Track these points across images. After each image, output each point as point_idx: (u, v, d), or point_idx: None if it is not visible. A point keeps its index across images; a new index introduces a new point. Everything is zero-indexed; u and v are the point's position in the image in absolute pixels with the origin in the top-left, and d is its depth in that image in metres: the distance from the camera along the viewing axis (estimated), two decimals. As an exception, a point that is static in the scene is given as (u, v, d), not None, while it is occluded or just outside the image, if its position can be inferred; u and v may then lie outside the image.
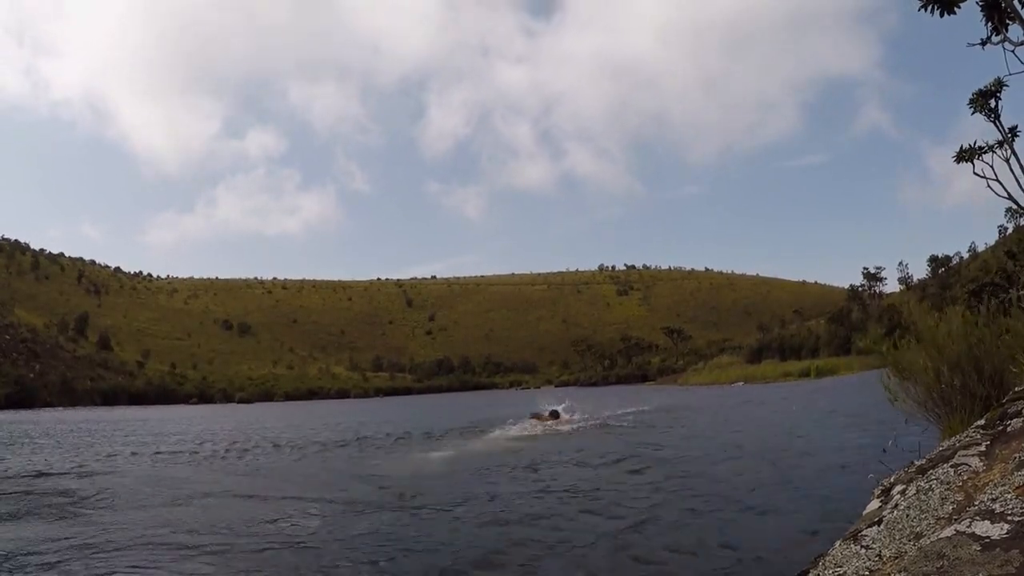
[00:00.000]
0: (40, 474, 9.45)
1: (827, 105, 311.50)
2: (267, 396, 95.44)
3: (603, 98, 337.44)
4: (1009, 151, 3.68)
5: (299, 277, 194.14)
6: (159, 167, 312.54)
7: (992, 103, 3.62)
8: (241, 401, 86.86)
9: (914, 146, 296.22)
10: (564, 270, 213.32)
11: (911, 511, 1.66)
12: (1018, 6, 3.02)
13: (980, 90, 3.67)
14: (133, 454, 12.44)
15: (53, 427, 24.06)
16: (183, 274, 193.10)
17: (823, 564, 1.60)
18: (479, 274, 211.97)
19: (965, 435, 2.13)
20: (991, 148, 3.78)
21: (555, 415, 17.38)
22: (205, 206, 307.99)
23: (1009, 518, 1.33)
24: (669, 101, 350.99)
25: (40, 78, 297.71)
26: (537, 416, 17.20)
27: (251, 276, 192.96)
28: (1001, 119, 3.69)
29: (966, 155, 3.84)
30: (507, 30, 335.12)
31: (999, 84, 3.57)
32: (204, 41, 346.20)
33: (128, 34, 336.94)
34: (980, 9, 3.11)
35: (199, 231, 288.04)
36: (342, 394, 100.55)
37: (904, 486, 1.95)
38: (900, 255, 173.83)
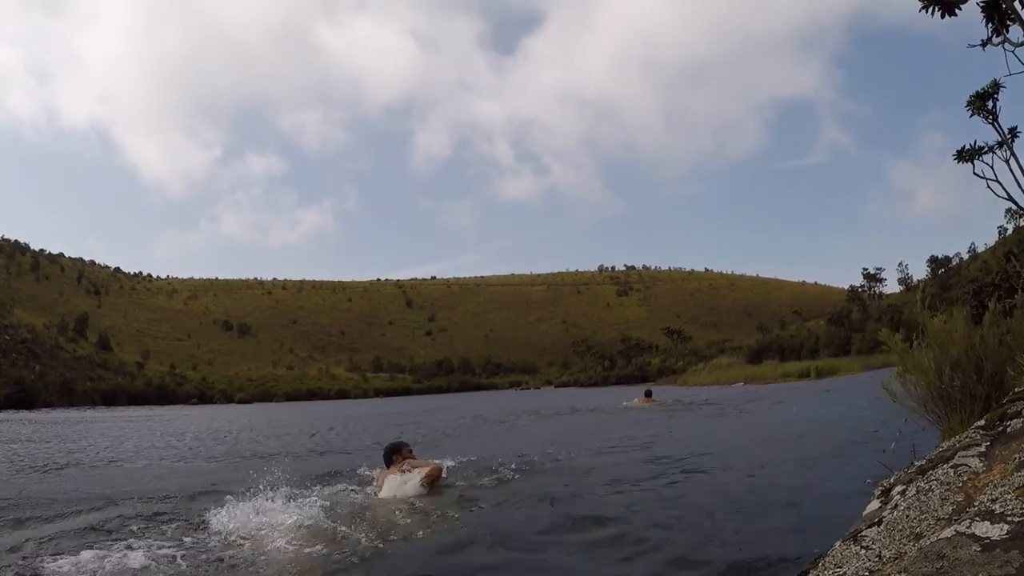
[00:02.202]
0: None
1: (787, 123, 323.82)
2: (267, 397, 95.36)
3: (573, 126, 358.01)
4: (1009, 152, 3.69)
5: (299, 278, 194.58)
6: (162, 190, 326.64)
7: (989, 105, 3.63)
8: (241, 402, 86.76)
9: (876, 161, 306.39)
10: (564, 270, 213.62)
11: (911, 512, 1.66)
12: (1018, 7, 3.03)
13: (977, 92, 3.67)
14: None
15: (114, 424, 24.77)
16: (183, 275, 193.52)
17: (823, 564, 1.60)
18: (479, 274, 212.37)
19: (965, 436, 2.13)
20: (991, 149, 3.79)
21: (649, 394, 22.78)
22: (208, 223, 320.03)
23: (1009, 519, 1.33)
24: (633, 127, 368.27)
25: (53, 113, 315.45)
26: (639, 398, 22.52)
27: (251, 276, 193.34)
28: (999, 120, 3.70)
29: (966, 155, 3.85)
30: (478, 66, 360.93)
31: (996, 86, 3.57)
32: (199, 77, 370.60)
33: (131, 72, 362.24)
34: (981, 11, 3.12)
35: (202, 246, 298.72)
36: (342, 395, 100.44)
37: (904, 487, 1.94)
38: (900, 255, 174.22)
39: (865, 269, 74.15)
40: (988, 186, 3.73)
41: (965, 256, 70.12)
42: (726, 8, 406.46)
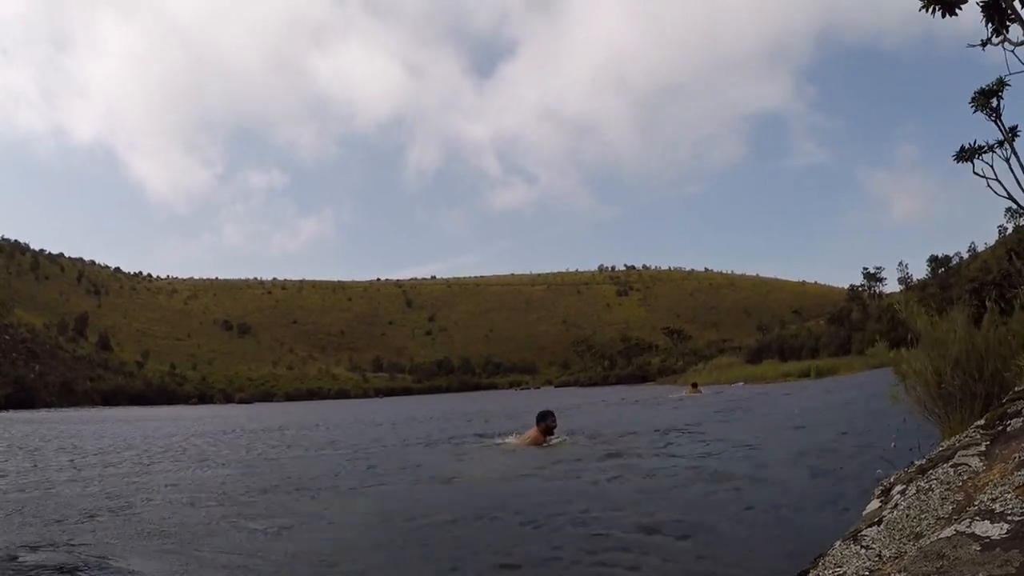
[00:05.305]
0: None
1: (762, 135, 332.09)
2: (267, 396, 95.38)
3: (555, 142, 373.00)
4: (1009, 151, 3.68)
5: (298, 277, 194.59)
6: (166, 204, 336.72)
7: (994, 103, 3.62)
8: (241, 401, 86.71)
9: (872, 165, 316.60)
10: (563, 270, 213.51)
11: (911, 511, 1.66)
12: (1019, 7, 3.03)
13: (981, 89, 3.66)
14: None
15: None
16: (183, 274, 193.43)
17: (823, 564, 1.59)
18: (478, 274, 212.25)
19: (965, 435, 2.12)
20: (991, 148, 3.78)
21: (695, 386, 26.66)
22: (210, 234, 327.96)
23: (1009, 518, 1.32)
24: (613, 142, 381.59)
25: (64, 132, 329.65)
26: (688, 389, 26.71)
27: (250, 276, 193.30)
28: (1002, 119, 3.69)
29: (966, 155, 3.84)
30: (461, 88, 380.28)
31: (1001, 84, 3.56)
32: (199, 99, 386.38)
33: (135, 96, 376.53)
34: (981, 11, 3.12)
35: (203, 253, 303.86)
36: (342, 394, 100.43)
37: (904, 486, 1.94)
38: (900, 255, 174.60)
39: (865, 268, 74.18)
40: (988, 185, 3.72)
41: (965, 255, 70.19)
42: (696, 28, 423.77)
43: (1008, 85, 3.51)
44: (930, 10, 3.11)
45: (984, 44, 3.17)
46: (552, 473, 6.81)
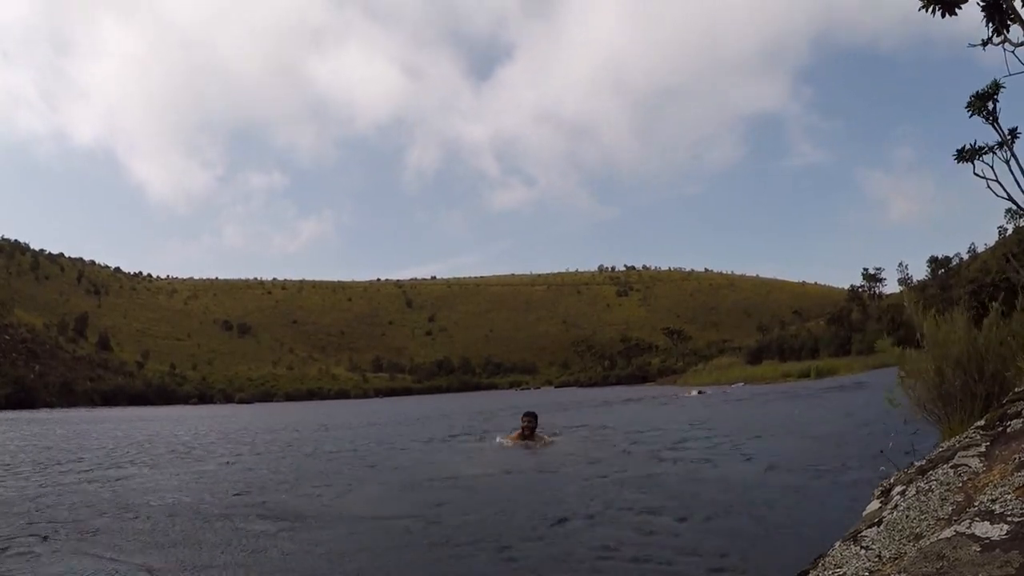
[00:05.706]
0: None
1: (761, 135, 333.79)
2: (267, 397, 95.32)
3: (554, 143, 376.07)
4: (1009, 153, 3.68)
5: (299, 278, 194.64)
6: (167, 206, 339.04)
7: (990, 106, 3.62)
8: (241, 402, 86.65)
9: (848, 172, 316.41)
10: (563, 271, 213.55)
11: (911, 512, 1.66)
12: (1019, 7, 3.03)
13: (978, 92, 3.67)
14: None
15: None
16: (183, 274, 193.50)
17: (823, 564, 1.60)
18: (479, 275, 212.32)
19: (965, 436, 2.12)
20: (991, 149, 3.78)
21: (702, 392, 29.71)
22: (211, 236, 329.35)
23: (1009, 519, 1.32)
24: (610, 143, 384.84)
25: (65, 134, 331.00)
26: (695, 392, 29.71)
27: (251, 276, 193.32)
28: (999, 121, 3.69)
29: (966, 156, 3.84)
30: (460, 90, 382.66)
31: (996, 87, 3.56)
32: (201, 102, 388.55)
33: (136, 99, 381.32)
34: (981, 10, 3.12)
35: (204, 254, 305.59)
36: (342, 395, 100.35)
37: (904, 487, 1.94)
38: (901, 255, 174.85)
39: (865, 269, 74.33)
40: (988, 186, 3.72)
41: (965, 256, 70.23)
42: (694, 29, 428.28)
43: (1003, 87, 3.51)
44: (930, 10, 3.11)
45: (984, 44, 3.17)
46: (540, 469, 6.85)
